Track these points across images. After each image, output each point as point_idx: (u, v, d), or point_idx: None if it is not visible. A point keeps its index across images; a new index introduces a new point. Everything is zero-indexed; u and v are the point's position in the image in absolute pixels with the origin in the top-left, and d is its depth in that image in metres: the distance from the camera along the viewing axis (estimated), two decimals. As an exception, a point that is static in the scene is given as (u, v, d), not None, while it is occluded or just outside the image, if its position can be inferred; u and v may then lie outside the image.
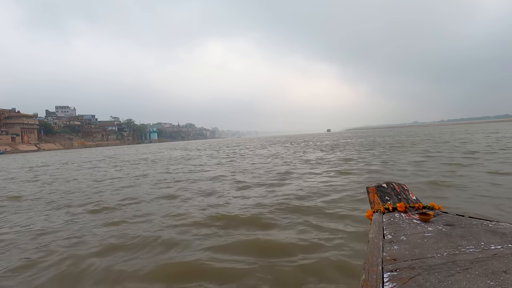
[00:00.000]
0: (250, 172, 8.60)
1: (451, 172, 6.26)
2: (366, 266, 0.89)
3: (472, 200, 4.04)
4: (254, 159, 13.29)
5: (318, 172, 7.77)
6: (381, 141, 23.26)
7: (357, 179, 6.23)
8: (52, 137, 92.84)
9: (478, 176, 5.63)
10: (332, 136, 55.76)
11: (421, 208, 1.41)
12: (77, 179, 9.58)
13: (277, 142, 37.85)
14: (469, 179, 5.36)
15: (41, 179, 10.40)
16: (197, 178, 7.99)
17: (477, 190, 4.54)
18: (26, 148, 74.08)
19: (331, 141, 28.85)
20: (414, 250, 0.94)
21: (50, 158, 28.45)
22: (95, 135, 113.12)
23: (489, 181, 5.07)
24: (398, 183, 1.63)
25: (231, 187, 6.25)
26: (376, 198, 1.55)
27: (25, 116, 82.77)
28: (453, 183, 5.08)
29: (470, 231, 1.07)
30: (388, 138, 28.09)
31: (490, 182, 4.99)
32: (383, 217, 1.35)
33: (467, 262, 0.83)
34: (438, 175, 6.00)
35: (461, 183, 5.09)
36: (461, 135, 24.15)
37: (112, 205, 5.12)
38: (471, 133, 27.35)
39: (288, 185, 6.07)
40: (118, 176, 9.87)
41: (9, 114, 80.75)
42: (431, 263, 0.84)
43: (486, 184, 4.87)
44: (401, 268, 0.83)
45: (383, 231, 1.16)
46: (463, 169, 6.58)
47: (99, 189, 7.08)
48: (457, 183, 5.07)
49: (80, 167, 15.27)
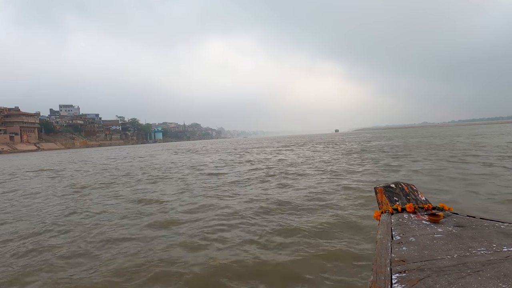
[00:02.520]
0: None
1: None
2: (374, 267, 0.86)
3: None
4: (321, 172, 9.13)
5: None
6: (415, 143, 19.04)
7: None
8: (54, 137, 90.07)
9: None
10: (347, 136, 51.24)
11: (431, 209, 1.37)
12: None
13: (293, 143, 33.73)
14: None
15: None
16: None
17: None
18: (25, 147, 71.31)
19: (356, 144, 24.58)
20: (423, 252, 0.92)
21: (26, 162, 24.91)
22: (98, 134, 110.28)
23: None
24: (407, 184, 1.58)
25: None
26: (384, 198, 1.50)
27: (24, 114, 79.79)
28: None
29: (481, 233, 1.04)
30: (413, 139, 23.76)
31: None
32: (392, 217, 1.31)
33: (478, 264, 0.80)
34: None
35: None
36: (498, 137, 20.30)
37: None
38: (506, 133, 24.75)
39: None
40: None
41: (8, 113, 77.75)
42: (441, 265, 0.82)
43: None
44: (410, 269, 0.81)
45: (391, 232, 1.13)
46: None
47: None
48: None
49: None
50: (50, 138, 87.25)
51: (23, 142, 74.78)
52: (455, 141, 18.54)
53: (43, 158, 30.80)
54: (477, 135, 26.96)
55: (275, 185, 6.92)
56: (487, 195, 4.72)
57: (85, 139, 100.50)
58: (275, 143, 36.41)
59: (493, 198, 4.52)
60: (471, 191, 5.07)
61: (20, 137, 75.16)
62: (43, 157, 32.34)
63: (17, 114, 78.25)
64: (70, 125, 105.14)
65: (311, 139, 44.90)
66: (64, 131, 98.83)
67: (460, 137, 24.92)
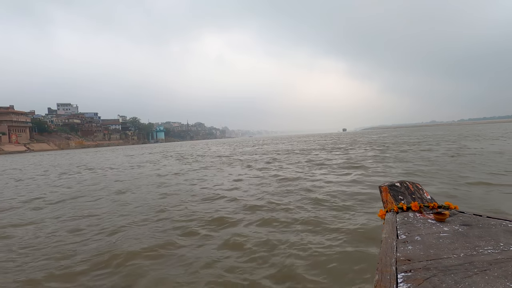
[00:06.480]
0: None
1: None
2: (380, 266, 0.85)
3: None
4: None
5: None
6: (452, 149, 12.63)
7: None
8: (47, 137, 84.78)
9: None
10: (367, 137, 44.32)
11: (436, 207, 1.35)
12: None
13: (311, 143, 27.47)
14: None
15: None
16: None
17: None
18: (13, 148, 66.09)
19: (390, 144, 18.10)
20: (429, 251, 0.91)
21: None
22: (96, 134, 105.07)
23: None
24: (412, 182, 1.54)
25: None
26: (389, 197, 1.48)
27: (14, 112, 74.24)
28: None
29: (488, 232, 1.02)
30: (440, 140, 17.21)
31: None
32: (397, 216, 1.29)
33: (485, 263, 0.79)
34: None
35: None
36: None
37: None
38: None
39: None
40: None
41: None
42: (447, 264, 0.81)
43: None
44: (415, 268, 0.80)
45: (396, 231, 1.11)
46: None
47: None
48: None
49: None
50: (43, 138, 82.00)
51: (12, 143, 69.59)
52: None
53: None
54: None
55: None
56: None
57: (81, 139, 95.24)
58: (306, 143, 30.04)
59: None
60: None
61: (9, 137, 69.97)
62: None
63: (5, 112, 72.66)
64: (67, 124, 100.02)
65: (325, 139, 38.55)
66: (59, 130, 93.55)
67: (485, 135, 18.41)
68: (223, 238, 3.46)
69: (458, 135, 25.79)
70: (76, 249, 3.35)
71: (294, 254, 2.88)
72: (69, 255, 3.21)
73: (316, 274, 2.51)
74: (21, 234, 4.09)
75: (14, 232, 4.19)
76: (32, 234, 4.05)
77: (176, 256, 3.04)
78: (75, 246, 3.45)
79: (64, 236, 3.86)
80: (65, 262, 3.04)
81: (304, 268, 2.60)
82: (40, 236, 3.94)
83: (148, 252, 3.14)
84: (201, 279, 2.54)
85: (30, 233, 4.11)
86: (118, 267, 2.86)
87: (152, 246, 3.31)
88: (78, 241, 3.63)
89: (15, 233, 4.16)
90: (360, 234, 3.26)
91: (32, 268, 2.94)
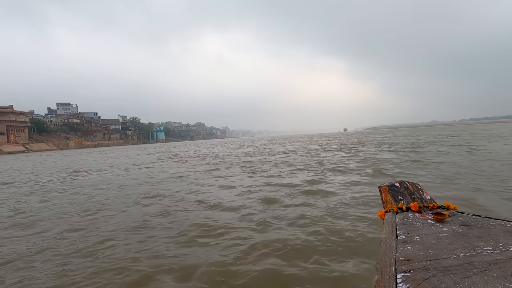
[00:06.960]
0: None
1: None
2: (379, 266, 0.85)
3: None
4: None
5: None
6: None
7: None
8: (47, 137, 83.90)
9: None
10: (374, 138, 43.44)
11: (436, 208, 1.33)
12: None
13: (323, 144, 26.57)
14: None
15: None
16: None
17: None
18: (12, 149, 65.26)
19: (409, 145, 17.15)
20: (428, 251, 0.90)
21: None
22: (96, 134, 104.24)
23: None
24: (412, 183, 1.54)
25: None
26: (388, 197, 1.46)
27: (12, 112, 73.38)
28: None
29: (487, 232, 1.00)
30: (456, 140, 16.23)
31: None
32: (396, 217, 1.28)
33: (484, 263, 0.78)
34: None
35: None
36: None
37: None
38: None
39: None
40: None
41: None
42: (447, 264, 0.80)
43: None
44: (415, 269, 0.79)
45: (396, 231, 1.10)
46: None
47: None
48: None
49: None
50: (42, 138, 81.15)
51: (11, 143, 68.79)
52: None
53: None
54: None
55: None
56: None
57: (81, 139, 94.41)
58: (318, 144, 29.13)
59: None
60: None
61: (7, 137, 69.15)
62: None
63: (4, 112, 71.87)
64: (66, 124, 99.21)
65: (334, 140, 37.66)
66: (58, 130, 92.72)
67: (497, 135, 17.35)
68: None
69: (469, 135, 24.87)
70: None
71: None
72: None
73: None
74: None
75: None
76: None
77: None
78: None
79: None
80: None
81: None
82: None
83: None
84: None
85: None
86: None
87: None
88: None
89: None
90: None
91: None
